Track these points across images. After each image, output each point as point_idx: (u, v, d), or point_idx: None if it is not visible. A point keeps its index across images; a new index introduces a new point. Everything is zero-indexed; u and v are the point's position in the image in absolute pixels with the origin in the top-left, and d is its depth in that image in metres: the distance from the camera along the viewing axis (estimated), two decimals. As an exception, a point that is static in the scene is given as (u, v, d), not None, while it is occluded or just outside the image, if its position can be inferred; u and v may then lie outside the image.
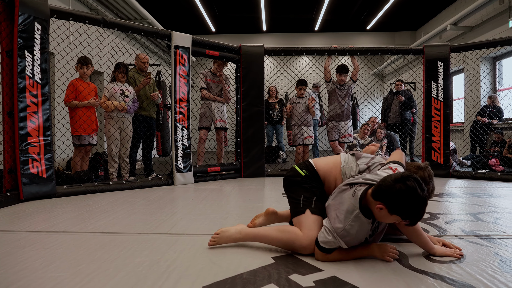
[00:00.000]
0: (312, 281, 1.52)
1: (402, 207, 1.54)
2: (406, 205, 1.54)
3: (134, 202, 3.38)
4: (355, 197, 1.68)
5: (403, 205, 1.54)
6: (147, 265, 1.69)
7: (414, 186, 1.53)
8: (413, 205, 1.54)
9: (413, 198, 1.52)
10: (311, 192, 1.94)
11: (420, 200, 1.53)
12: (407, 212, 1.55)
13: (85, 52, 4.47)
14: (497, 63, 8.62)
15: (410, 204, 1.53)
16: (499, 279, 1.56)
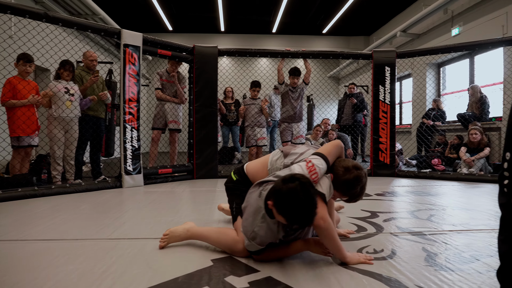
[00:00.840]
0: (247, 282, 1.54)
1: (284, 209, 1.53)
2: (288, 207, 1.52)
3: (77, 206, 3.26)
4: (261, 197, 1.69)
5: (285, 206, 1.53)
6: (79, 273, 1.64)
7: (296, 189, 1.50)
8: (293, 207, 1.51)
9: (293, 200, 1.50)
10: (242, 198, 1.94)
11: (301, 203, 1.50)
12: (289, 215, 1.53)
13: (24, 48, 4.24)
14: (441, 69, 9.11)
15: (291, 206, 1.51)
16: (423, 272, 1.66)
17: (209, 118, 5.39)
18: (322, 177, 1.80)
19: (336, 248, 1.71)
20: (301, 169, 1.76)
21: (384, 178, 5.39)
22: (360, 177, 1.81)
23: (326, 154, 1.86)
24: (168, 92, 5.37)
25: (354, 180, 1.80)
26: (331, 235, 1.68)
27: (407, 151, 8.16)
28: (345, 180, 1.80)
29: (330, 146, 1.93)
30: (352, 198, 1.87)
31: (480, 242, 2.14)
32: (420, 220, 2.70)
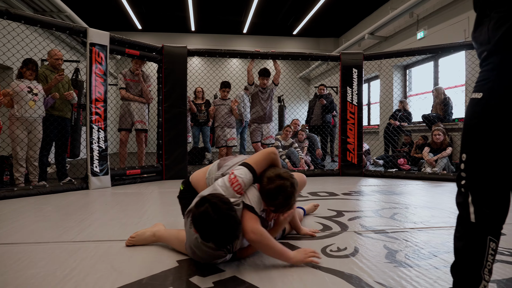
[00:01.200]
0: (211, 282, 1.56)
1: (203, 234, 1.53)
2: (205, 231, 1.52)
3: (41, 208, 3.18)
4: (191, 227, 1.63)
5: (203, 231, 1.53)
6: (40, 277, 1.62)
7: (207, 211, 1.48)
8: (210, 230, 1.50)
9: (207, 223, 1.49)
10: (187, 203, 1.95)
11: (215, 224, 1.48)
12: (210, 238, 1.53)
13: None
14: (408, 71, 9.40)
15: (207, 229, 1.51)
16: (382, 269, 1.73)
17: (179, 119, 5.35)
18: (250, 187, 1.80)
19: (277, 255, 1.72)
20: (224, 182, 1.76)
21: (351, 178, 5.52)
22: (283, 187, 1.75)
23: (252, 163, 1.84)
24: (133, 91, 5.29)
25: (275, 190, 1.74)
26: (267, 245, 1.69)
27: (374, 151, 8.37)
28: (267, 190, 1.76)
29: (259, 155, 1.91)
30: (277, 209, 1.81)
31: (438, 239, 2.24)
32: (384, 219, 2.79)
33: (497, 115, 1.10)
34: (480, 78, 1.17)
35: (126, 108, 5.25)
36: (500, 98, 1.09)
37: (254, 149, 5.86)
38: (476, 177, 1.15)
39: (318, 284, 1.56)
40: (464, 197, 1.16)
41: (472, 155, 1.16)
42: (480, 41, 1.19)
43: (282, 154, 6.24)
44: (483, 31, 1.18)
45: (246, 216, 1.70)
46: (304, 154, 6.59)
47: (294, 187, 1.79)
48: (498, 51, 1.12)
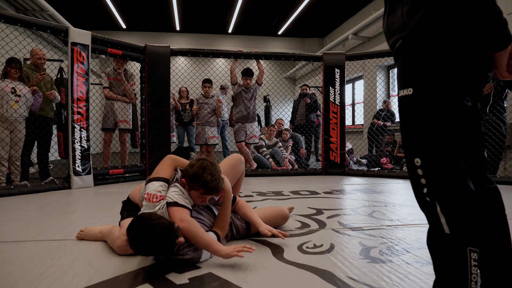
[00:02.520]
0: (187, 279, 1.59)
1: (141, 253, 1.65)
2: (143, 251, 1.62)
3: (21, 208, 3.16)
4: None
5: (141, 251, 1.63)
6: (17, 274, 1.63)
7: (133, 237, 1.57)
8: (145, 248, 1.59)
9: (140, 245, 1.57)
10: (124, 210, 2.20)
11: (144, 242, 1.56)
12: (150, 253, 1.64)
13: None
14: (391, 71, 9.55)
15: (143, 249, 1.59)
16: (355, 265, 1.78)
17: (162, 118, 5.35)
18: (169, 189, 1.88)
19: (204, 244, 1.72)
20: (144, 204, 1.86)
21: (334, 177, 5.59)
22: (203, 165, 1.83)
23: (157, 175, 1.94)
24: (116, 90, 5.26)
25: (199, 170, 1.82)
26: (195, 232, 1.71)
27: (358, 150, 8.49)
28: (191, 175, 1.83)
29: (158, 165, 2.03)
30: (208, 188, 1.83)
31: (413, 235, 2.30)
32: (362, 216, 2.85)
33: (439, 109, 1.00)
34: (402, 70, 1.07)
35: (109, 107, 5.23)
36: (434, 89, 1.00)
37: (238, 148, 5.90)
38: (439, 183, 1.02)
39: (292, 280, 1.60)
40: (432, 208, 1.04)
41: (428, 159, 1.03)
42: (394, 29, 1.09)
43: (266, 154, 6.29)
44: (396, 18, 1.08)
45: (171, 210, 1.77)
46: (288, 154, 6.65)
47: (215, 165, 1.88)
48: (415, 38, 1.02)
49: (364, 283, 1.56)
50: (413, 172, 1.07)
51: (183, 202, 1.81)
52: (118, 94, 5.25)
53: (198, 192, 1.85)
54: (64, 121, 5.12)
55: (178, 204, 1.79)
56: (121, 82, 5.26)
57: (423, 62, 1.01)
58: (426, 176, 1.03)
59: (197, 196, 1.87)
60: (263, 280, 1.59)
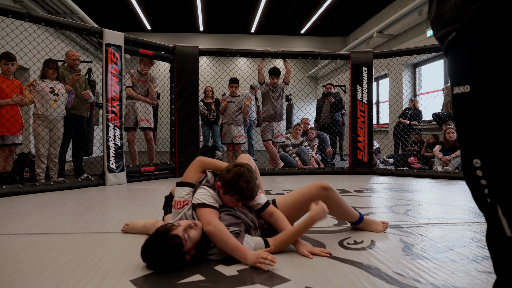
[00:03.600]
0: (236, 270, 1.63)
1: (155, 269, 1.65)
2: (157, 267, 1.64)
3: (63, 203, 3.29)
4: None
5: (154, 268, 1.65)
6: (74, 263, 1.70)
7: (147, 254, 1.62)
8: (159, 264, 1.62)
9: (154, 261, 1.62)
10: (167, 205, 2.26)
11: (158, 259, 1.60)
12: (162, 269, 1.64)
13: (8, 47, 4.22)
14: (417, 69, 9.42)
15: (158, 265, 1.63)
16: (400, 261, 1.78)
17: (191, 117, 5.45)
18: (198, 190, 1.88)
19: (230, 250, 1.69)
20: (173, 211, 1.91)
21: (362, 176, 5.56)
22: (240, 172, 1.81)
23: (182, 179, 1.97)
24: (139, 91, 5.36)
25: (235, 176, 1.80)
26: (221, 238, 1.69)
27: (384, 150, 8.41)
28: (227, 180, 1.81)
29: (188, 169, 2.01)
30: (242, 195, 1.82)
31: (453, 234, 2.28)
32: (398, 214, 2.84)
33: (501, 108, 0.91)
34: (457, 66, 0.99)
35: (130, 107, 5.30)
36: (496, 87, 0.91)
37: (265, 147, 5.94)
38: (502, 186, 0.94)
39: (339, 274, 1.62)
40: (492, 210, 0.97)
41: (490, 160, 0.96)
42: (445, 20, 0.99)
43: (292, 152, 6.31)
44: (448, 7, 0.98)
45: (199, 212, 1.78)
46: (314, 153, 6.65)
47: (251, 172, 1.86)
48: (472, 31, 0.93)
49: (412, 278, 1.57)
50: (471, 173, 1.00)
51: (211, 203, 1.80)
52: (140, 94, 5.34)
53: (232, 198, 1.84)
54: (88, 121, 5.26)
55: (206, 205, 1.79)
56: (143, 83, 5.34)
57: (483, 57, 0.92)
58: (487, 177, 0.96)
59: (231, 201, 1.86)
60: (309, 273, 1.62)
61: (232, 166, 1.86)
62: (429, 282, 1.53)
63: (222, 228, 1.71)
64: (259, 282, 1.51)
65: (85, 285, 1.46)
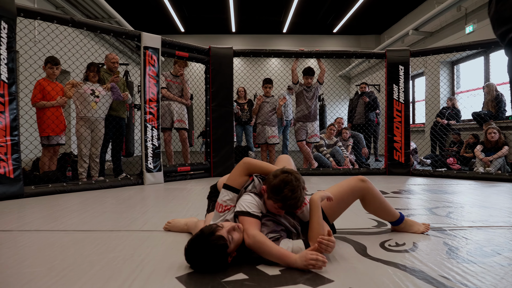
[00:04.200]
0: (278, 270, 1.64)
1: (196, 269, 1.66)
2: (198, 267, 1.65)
3: (105, 201, 3.41)
4: None
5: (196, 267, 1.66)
6: (121, 260, 1.76)
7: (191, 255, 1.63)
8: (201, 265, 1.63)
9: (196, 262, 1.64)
10: (211, 200, 2.23)
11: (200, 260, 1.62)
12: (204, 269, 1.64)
13: (52, 52, 4.41)
14: (455, 67, 9.11)
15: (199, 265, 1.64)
16: (446, 264, 1.74)
17: (225, 118, 5.51)
18: (243, 196, 1.85)
19: (277, 259, 1.67)
20: (215, 213, 1.89)
21: (398, 177, 5.44)
22: (287, 180, 1.75)
23: (226, 181, 1.93)
24: (174, 92, 5.45)
25: (281, 183, 1.75)
26: (263, 250, 1.66)
27: (422, 151, 8.18)
28: (272, 186, 1.77)
29: (233, 170, 1.97)
30: (286, 204, 1.77)
31: (500, 237, 2.19)
32: (439, 217, 2.76)
33: None
34: None
35: (166, 107, 5.39)
36: None
37: (299, 147, 5.91)
38: None
39: (383, 275, 1.59)
40: None
41: None
42: (506, 17, 0.95)
43: (326, 153, 6.25)
44: (508, 4, 0.95)
45: (242, 221, 1.75)
46: (349, 153, 6.56)
47: (299, 181, 1.79)
48: None
49: (459, 282, 1.53)
50: None
51: (256, 212, 1.78)
52: (175, 96, 5.44)
53: (275, 204, 1.79)
54: (127, 122, 5.41)
55: (249, 214, 1.76)
56: (178, 84, 5.43)
57: None
58: None
59: (274, 207, 1.81)
60: (353, 274, 1.60)
61: (280, 172, 1.81)
62: (477, 287, 1.48)
63: (261, 239, 1.67)
64: (302, 282, 1.51)
65: (133, 281, 1.51)
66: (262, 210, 1.83)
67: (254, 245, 1.67)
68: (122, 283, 1.49)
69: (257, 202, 1.81)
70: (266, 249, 1.66)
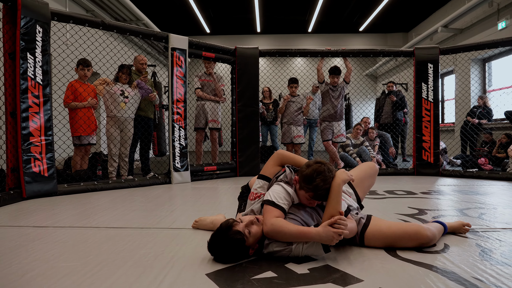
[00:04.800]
0: (307, 269, 1.64)
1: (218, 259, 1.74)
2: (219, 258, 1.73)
3: (134, 199, 3.49)
4: None
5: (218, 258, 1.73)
6: (152, 256, 1.81)
7: (213, 246, 1.71)
8: (222, 255, 1.71)
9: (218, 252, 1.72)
10: (242, 200, 2.25)
11: (220, 250, 1.70)
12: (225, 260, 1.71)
13: (84, 54, 4.56)
14: (487, 64, 8.82)
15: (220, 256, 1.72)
16: (479, 266, 1.69)
17: (251, 118, 5.54)
18: (273, 186, 1.89)
19: (298, 237, 1.68)
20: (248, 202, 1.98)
21: (427, 177, 5.32)
22: (320, 169, 1.77)
23: (263, 173, 2.03)
24: (208, 91, 5.54)
25: (313, 172, 1.77)
26: (282, 231, 1.68)
27: (452, 151, 7.97)
28: (305, 175, 1.79)
29: (267, 162, 2.08)
30: (317, 193, 1.78)
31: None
32: (471, 218, 2.69)
33: None
34: None
35: (201, 108, 5.52)
36: None
37: (325, 147, 5.87)
38: None
39: (413, 276, 1.57)
40: None
41: None
42: None
43: (353, 153, 6.18)
44: None
45: (265, 209, 1.79)
46: (376, 153, 6.47)
47: (331, 172, 1.80)
48: None
49: (494, 285, 1.49)
50: None
51: (280, 203, 1.79)
52: (209, 94, 5.51)
53: (307, 194, 1.81)
54: (158, 121, 5.51)
55: (274, 204, 1.78)
56: (211, 82, 5.51)
57: None
58: None
59: (305, 198, 1.83)
60: (383, 275, 1.58)
61: (313, 162, 1.84)
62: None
63: (278, 223, 1.69)
64: (331, 281, 1.51)
65: (164, 277, 1.55)
66: (294, 199, 1.85)
67: (272, 231, 1.69)
68: (154, 279, 1.53)
69: (286, 192, 1.83)
70: (285, 231, 1.68)
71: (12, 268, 1.64)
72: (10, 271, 1.61)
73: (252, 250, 1.72)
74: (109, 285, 1.47)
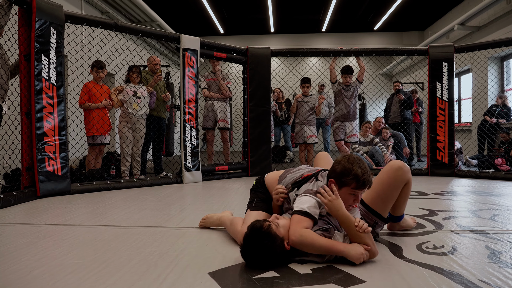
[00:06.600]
0: (309, 269, 1.64)
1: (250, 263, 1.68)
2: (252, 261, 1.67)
3: (145, 198, 3.54)
4: None
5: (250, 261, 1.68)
6: (157, 254, 1.83)
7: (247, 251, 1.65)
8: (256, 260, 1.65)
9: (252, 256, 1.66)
10: (255, 195, 2.22)
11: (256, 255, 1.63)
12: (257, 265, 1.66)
13: (97, 55, 4.64)
14: (505, 62, 8.62)
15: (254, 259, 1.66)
16: (486, 269, 1.66)
17: (263, 117, 5.54)
18: (302, 196, 1.84)
19: (327, 251, 1.67)
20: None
21: (442, 178, 5.24)
22: (352, 159, 1.78)
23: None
24: (214, 90, 5.53)
25: (347, 164, 1.77)
26: (311, 243, 1.66)
27: (467, 150, 7.82)
28: (341, 170, 1.78)
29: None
30: (360, 181, 1.74)
31: (549, 242, 2.08)
32: (483, 219, 2.64)
33: None
34: None
35: (209, 107, 5.53)
36: None
37: (337, 147, 5.84)
38: None
39: (418, 278, 1.55)
40: None
41: None
42: None
43: (359, 150, 6.14)
44: None
45: (292, 220, 1.76)
46: (389, 153, 6.39)
47: (361, 160, 1.81)
48: None
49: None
50: None
51: (312, 212, 1.75)
52: (215, 93, 5.52)
53: (349, 187, 1.76)
54: (168, 122, 5.56)
55: (306, 213, 1.74)
56: (216, 81, 5.51)
57: None
58: None
59: (349, 194, 1.78)
60: (386, 276, 1.57)
61: (341, 157, 1.84)
62: (521, 293, 1.41)
63: (307, 234, 1.67)
64: (333, 281, 1.51)
65: (167, 275, 1.57)
66: (322, 210, 1.82)
67: (300, 243, 1.66)
68: (157, 277, 1.55)
69: (316, 203, 1.80)
70: (315, 244, 1.66)
71: (21, 264, 1.69)
72: (19, 267, 1.65)
73: None
74: (113, 282, 1.49)
